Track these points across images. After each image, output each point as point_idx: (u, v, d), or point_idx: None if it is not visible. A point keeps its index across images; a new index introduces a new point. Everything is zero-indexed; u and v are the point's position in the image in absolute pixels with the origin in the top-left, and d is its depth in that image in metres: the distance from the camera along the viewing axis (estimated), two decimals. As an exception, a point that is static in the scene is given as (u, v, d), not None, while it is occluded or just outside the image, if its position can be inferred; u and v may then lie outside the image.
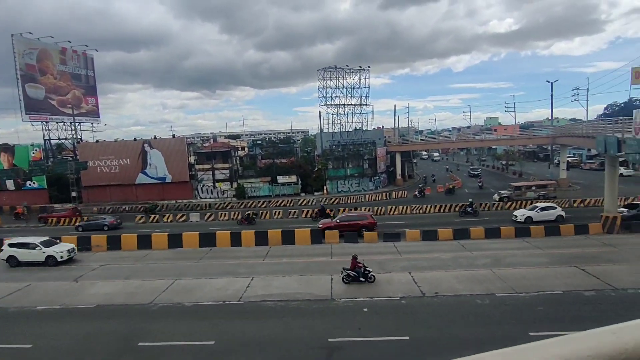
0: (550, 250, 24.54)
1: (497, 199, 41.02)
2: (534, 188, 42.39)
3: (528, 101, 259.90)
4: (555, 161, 61.50)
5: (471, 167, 67.31)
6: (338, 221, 31.26)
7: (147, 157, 52.10)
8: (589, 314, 15.74)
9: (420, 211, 38.24)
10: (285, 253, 27.05)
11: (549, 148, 68.68)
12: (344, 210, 39.53)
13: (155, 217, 42.06)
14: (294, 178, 53.63)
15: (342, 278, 20.26)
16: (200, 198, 52.43)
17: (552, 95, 57.41)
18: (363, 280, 19.92)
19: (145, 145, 52.40)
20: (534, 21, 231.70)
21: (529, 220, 32.12)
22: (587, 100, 65.21)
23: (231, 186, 52.99)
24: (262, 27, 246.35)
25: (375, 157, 56.56)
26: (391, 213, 38.53)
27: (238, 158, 62.40)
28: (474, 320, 15.67)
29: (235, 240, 29.31)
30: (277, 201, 47.91)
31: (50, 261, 25.24)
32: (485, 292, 18.70)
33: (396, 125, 73.56)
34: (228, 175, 53.79)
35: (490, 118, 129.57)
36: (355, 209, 39.35)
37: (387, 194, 49.42)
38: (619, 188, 29.67)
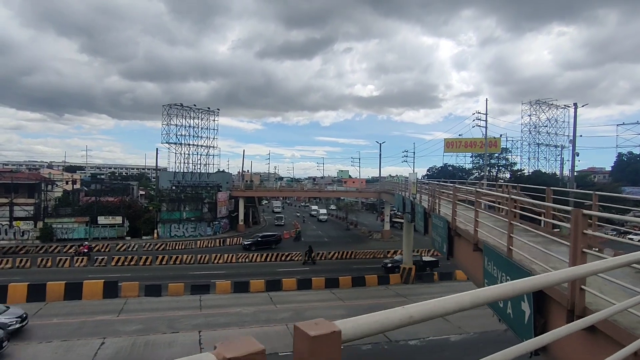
0: (351, 302, 25.35)
1: None
2: None
3: (382, 157, 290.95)
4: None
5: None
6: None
7: None
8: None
9: (247, 260, 36.94)
10: (62, 311, 22.45)
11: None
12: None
13: None
14: (118, 219, 47.64)
15: None
16: (-12, 239, 42.42)
17: (380, 155, 64.24)
18: None
19: None
20: (390, 90, 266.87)
21: None
22: (414, 162, 74.52)
23: (35, 226, 44.34)
24: (131, 55, 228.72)
25: (216, 201, 54.32)
26: (215, 262, 36.31)
27: (60, 192, 53.34)
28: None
29: (-2, 295, 23.43)
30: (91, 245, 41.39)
31: None
32: (270, 352, 17.67)
33: (244, 170, 73.24)
34: (33, 212, 45.06)
35: (342, 170, 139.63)
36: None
37: (221, 240, 47.15)
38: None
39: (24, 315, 19.39)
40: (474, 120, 58.96)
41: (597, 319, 2.29)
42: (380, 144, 62.86)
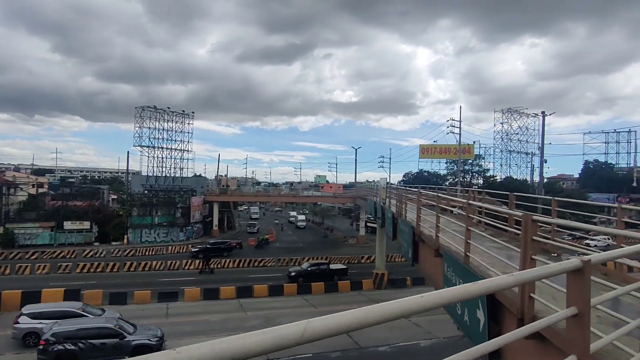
0: (323, 308, 25.02)
1: None
2: None
3: (359, 162, 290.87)
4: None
5: None
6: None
7: None
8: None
9: (219, 265, 36.14)
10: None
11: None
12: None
13: None
14: (86, 224, 45.99)
15: None
16: (-56, 246, 40.19)
17: (355, 160, 64.84)
18: None
19: None
20: (368, 97, 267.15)
21: None
22: (390, 167, 75.17)
23: (-5, 231, 42.31)
24: (107, 55, 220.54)
25: (189, 206, 53.20)
26: (186, 268, 35.40)
27: (25, 196, 51.04)
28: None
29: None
30: (55, 252, 39.77)
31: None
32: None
33: (221, 175, 72.20)
34: (-7, 217, 43.03)
35: (319, 176, 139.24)
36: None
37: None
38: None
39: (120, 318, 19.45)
40: (448, 127, 59.74)
41: (539, 327, 2.14)
42: (355, 149, 63.20)
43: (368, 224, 55.72)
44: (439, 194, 9.25)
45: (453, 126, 58.00)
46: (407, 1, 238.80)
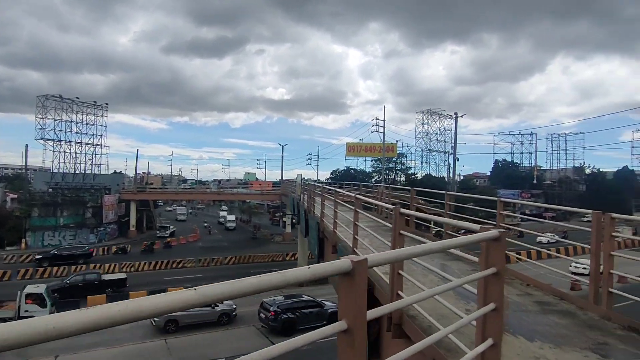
0: (243, 309, 24.26)
1: None
2: None
3: (290, 159, 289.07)
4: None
5: None
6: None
7: None
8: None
9: (132, 269, 33.60)
10: None
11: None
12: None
13: None
14: (-27, 228, 40.50)
15: None
16: None
17: (282, 157, 64.45)
18: None
19: None
20: (300, 95, 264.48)
21: None
22: (318, 165, 76.26)
23: None
24: (10, 38, 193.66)
25: (101, 205, 49.05)
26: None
27: None
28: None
29: None
30: None
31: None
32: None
33: (144, 172, 67.76)
34: None
35: (249, 173, 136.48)
36: None
37: (106, 248, 42.57)
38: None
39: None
40: (373, 126, 61.60)
41: (378, 314, 1.97)
42: (282, 145, 63.12)
43: (293, 221, 55.49)
44: (336, 189, 9.12)
45: (378, 125, 60.09)
46: (339, 2, 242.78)
